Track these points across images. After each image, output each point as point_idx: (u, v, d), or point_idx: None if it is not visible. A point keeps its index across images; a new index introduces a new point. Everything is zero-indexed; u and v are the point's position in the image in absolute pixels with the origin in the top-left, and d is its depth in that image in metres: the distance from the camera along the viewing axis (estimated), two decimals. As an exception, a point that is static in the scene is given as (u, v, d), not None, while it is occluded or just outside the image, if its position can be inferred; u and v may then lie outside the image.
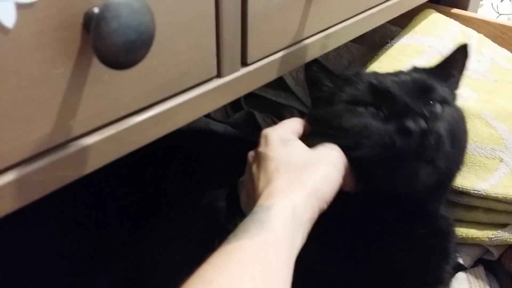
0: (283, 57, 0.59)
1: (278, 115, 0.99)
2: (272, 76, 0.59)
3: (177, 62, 0.46)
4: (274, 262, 0.44)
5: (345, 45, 1.03)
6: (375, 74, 0.67)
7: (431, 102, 0.60)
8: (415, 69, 0.69)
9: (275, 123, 0.97)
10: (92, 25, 0.34)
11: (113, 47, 0.34)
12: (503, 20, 1.03)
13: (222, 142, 0.86)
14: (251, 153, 0.62)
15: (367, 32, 1.08)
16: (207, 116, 0.98)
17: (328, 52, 1.01)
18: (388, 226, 0.60)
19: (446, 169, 0.58)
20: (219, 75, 0.52)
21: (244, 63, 0.54)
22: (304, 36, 0.61)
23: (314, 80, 0.66)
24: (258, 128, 0.96)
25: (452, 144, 0.58)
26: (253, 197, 0.54)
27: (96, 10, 0.36)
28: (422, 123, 0.54)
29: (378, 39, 1.06)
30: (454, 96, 0.68)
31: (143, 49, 0.37)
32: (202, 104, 0.50)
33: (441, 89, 0.62)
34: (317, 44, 0.64)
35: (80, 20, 0.37)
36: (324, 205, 0.52)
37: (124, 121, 0.44)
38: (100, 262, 0.59)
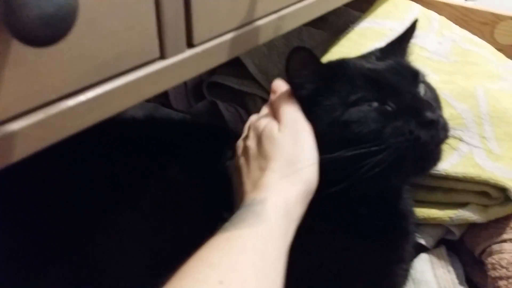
0: (233, 38, 0.57)
1: (241, 103, 0.97)
2: (222, 58, 0.56)
3: (112, 42, 0.44)
4: (272, 253, 0.46)
5: (308, 31, 1.02)
6: (361, 62, 0.63)
7: (419, 84, 0.61)
8: (383, 51, 0.67)
9: (238, 112, 0.96)
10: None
11: (27, 21, 0.31)
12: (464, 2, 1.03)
13: (184, 132, 0.83)
14: (239, 144, 0.62)
15: (330, 18, 1.08)
16: (169, 106, 0.96)
17: (290, 38, 1.00)
18: (355, 212, 0.60)
19: None
20: (162, 56, 0.49)
21: (190, 44, 0.52)
22: (256, 17, 0.59)
23: (297, 71, 0.60)
24: (221, 118, 0.94)
25: None
26: (242, 189, 0.55)
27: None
28: (437, 111, 0.56)
29: (341, 25, 1.05)
30: None
31: (64, 24, 0.35)
32: (144, 87, 0.48)
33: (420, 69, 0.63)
34: (270, 26, 0.62)
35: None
36: (310, 198, 0.53)
37: (55, 105, 0.41)
38: (48, 259, 0.57)
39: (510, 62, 0.92)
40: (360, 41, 0.86)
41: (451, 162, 0.69)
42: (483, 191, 0.67)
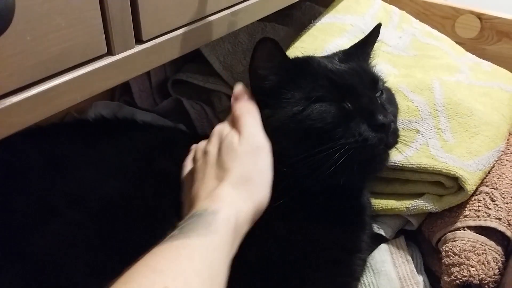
0: (184, 34, 0.57)
1: (206, 101, 0.97)
2: (173, 54, 0.57)
3: (56, 38, 0.44)
4: (218, 264, 0.46)
5: (272, 27, 1.02)
6: (324, 62, 0.65)
7: (378, 90, 0.64)
8: (346, 53, 0.69)
9: (203, 109, 0.96)
10: None
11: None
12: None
13: (149, 131, 0.83)
14: (200, 147, 0.61)
15: (295, 14, 1.09)
16: (134, 105, 0.96)
17: (255, 35, 1.01)
18: (310, 205, 0.61)
19: None
20: (110, 52, 0.50)
21: (139, 40, 0.52)
22: (208, 13, 0.60)
23: (262, 62, 0.61)
24: (187, 115, 0.94)
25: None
26: (194, 193, 0.55)
27: None
28: (390, 116, 0.58)
29: (306, 21, 1.05)
30: None
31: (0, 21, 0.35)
32: (92, 83, 0.48)
33: (381, 76, 0.66)
34: (223, 22, 0.62)
35: None
36: (258, 217, 0.54)
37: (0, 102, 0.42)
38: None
39: (468, 55, 0.94)
40: (321, 36, 0.87)
41: (407, 154, 0.70)
42: (438, 181, 0.68)
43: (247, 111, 0.59)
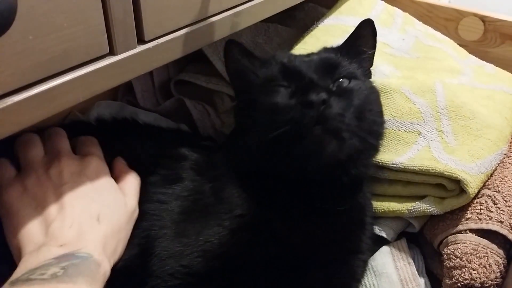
0: (187, 34, 0.57)
1: (209, 101, 0.97)
2: (175, 54, 0.57)
3: (58, 38, 0.44)
4: None
5: (275, 28, 1.02)
6: (289, 55, 0.69)
7: (338, 78, 0.63)
8: (325, 49, 0.71)
9: (206, 109, 0.96)
10: None
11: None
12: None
13: (151, 132, 0.83)
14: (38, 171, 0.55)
15: (298, 15, 1.09)
16: (136, 105, 0.96)
17: (257, 36, 1.01)
18: (310, 205, 0.62)
19: (359, 143, 0.59)
20: (112, 52, 0.50)
21: (141, 40, 0.52)
22: (210, 14, 0.60)
23: (234, 63, 0.69)
24: (189, 116, 0.94)
25: (361, 116, 0.59)
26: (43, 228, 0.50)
27: None
28: (323, 95, 0.56)
29: (309, 22, 1.05)
30: (366, 72, 0.70)
31: (2, 20, 0.35)
32: (94, 82, 0.48)
33: (348, 65, 0.65)
34: (226, 22, 0.63)
35: None
36: None
37: (1, 101, 0.42)
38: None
39: (471, 58, 0.94)
40: (324, 38, 0.87)
41: (409, 155, 0.70)
42: (440, 184, 0.68)
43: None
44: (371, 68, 0.75)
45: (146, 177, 0.64)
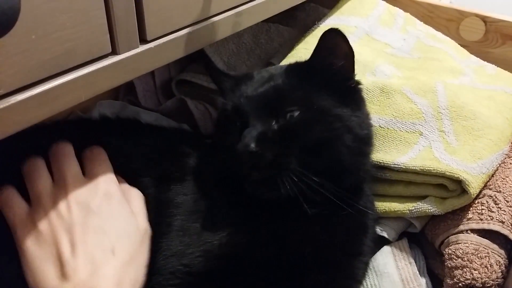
0: (189, 34, 0.57)
1: (210, 101, 0.97)
2: (177, 54, 0.57)
3: (61, 37, 0.44)
4: None
5: (277, 28, 1.02)
6: (251, 81, 0.65)
7: (286, 110, 0.59)
8: (287, 69, 0.67)
9: (207, 109, 0.96)
10: None
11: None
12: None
13: (153, 132, 0.83)
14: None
15: (299, 15, 1.09)
16: (138, 104, 0.96)
17: (259, 35, 1.01)
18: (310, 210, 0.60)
19: (309, 181, 0.57)
20: (114, 52, 0.50)
21: (143, 40, 0.52)
22: (212, 14, 0.60)
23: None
24: (191, 115, 0.94)
25: (314, 150, 0.58)
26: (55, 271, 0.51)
27: None
28: (251, 146, 0.55)
29: (310, 22, 1.05)
30: (341, 84, 0.64)
31: (6, 19, 0.35)
32: (96, 82, 0.48)
33: (303, 90, 0.61)
34: (227, 22, 0.63)
35: None
36: None
37: (4, 100, 0.42)
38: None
39: (472, 58, 0.94)
40: (325, 38, 0.87)
41: (410, 156, 0.70)
42: (441, 184, 0.68)
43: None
44: (372, 68, 0.75)
45: (147, 176, 0.64)
